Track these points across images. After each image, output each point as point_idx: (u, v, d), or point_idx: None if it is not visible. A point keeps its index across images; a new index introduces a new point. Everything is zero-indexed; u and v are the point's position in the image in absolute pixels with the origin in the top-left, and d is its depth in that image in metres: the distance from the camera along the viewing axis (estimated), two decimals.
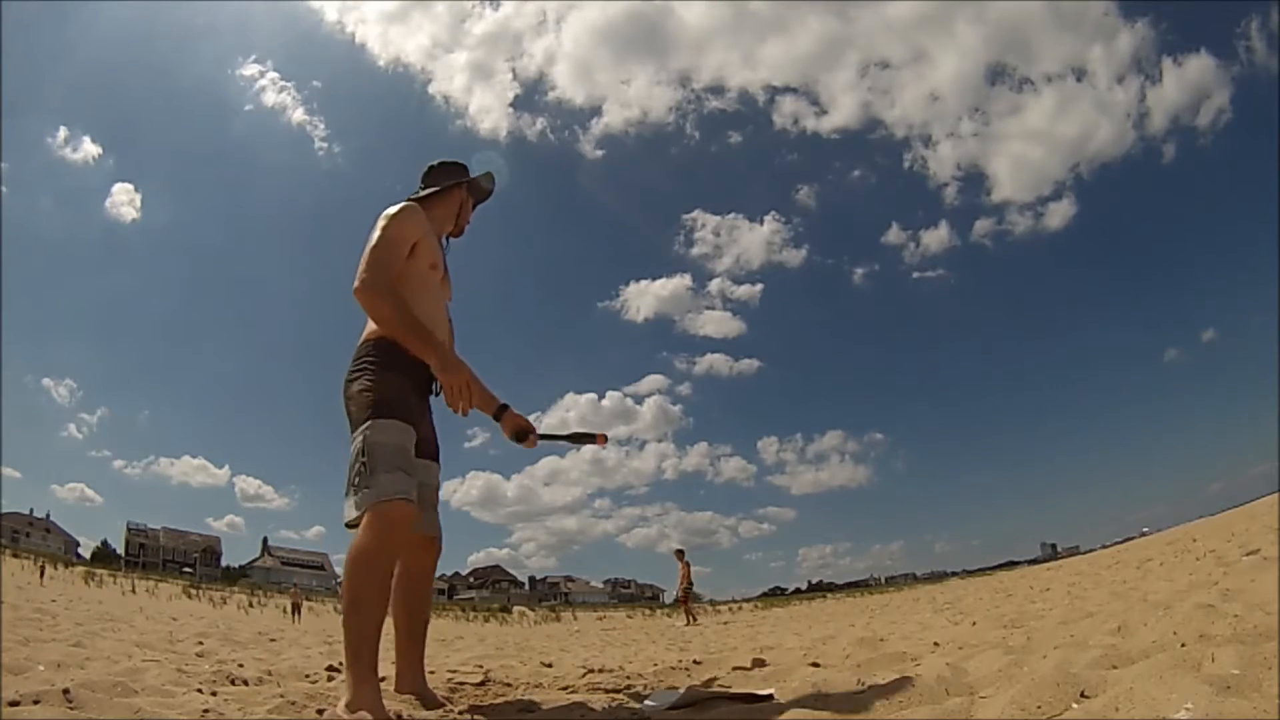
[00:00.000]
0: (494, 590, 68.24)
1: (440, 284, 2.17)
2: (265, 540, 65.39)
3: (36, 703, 1.64)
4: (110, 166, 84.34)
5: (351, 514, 1.78)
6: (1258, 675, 1.24)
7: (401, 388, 1.92)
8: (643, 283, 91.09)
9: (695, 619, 12.00)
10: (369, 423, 1.82)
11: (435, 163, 2.27)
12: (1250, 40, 66.02)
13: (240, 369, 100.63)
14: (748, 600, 48.91)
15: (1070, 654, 1.73)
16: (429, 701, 1.96)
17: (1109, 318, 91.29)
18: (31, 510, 54.27)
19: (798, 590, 69.42)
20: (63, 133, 79.18)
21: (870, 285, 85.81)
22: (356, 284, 1.88)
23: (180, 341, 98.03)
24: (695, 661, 2.96)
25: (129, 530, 56.41)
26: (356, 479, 1.78)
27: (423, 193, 2.20)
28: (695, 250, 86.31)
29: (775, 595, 62.23)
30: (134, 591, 21.75)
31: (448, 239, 2.27)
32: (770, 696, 1.76)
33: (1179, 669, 1.35)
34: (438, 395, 2.04)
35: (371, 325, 1.98)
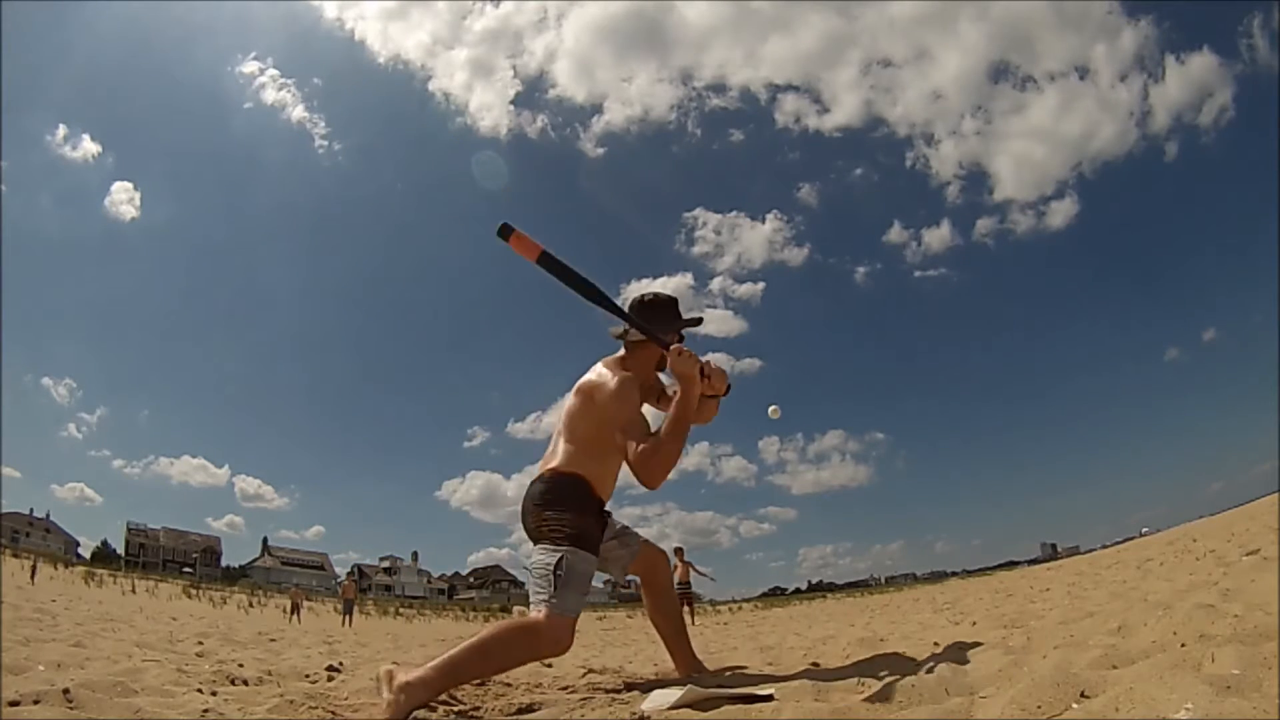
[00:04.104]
0: (494, 590, 68.17)
1: None
2: (265, 540, 65.44)
3: (36, 703, 1.64)
4: (110, 165, 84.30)
5: (536, 613, 1.97)
6: (1258, 675, 1.24)
7: (595, 528, 2.21)
8: (643, 281, 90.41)
9: (691, 620, 12.02)
10: (571, 549, 2.06)
11: (650, 296, 2.37)
12: (1253, 38, 65.91)
13: (240, 368, 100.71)
14: (748, 600, 48.92)
15: (1070, 654, 1.73)
16: (697, 665, 2.53)
17: (1110, 317, 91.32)
18: (31, 510, 54.32)
19: (798, 590, 69.43)
20: (62, 130, 79.24)
21: (872, 284, 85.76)
22: (649, 486, 2.09)
23: (180, 341, 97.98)
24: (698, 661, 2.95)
25: (129, 530, 56.41)
26: (551, 588, 1.99)
27: (631, 336, 2.32)
28: (696, 249, 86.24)
29: (775, 595, 62.22)
30: (134, 591, 21.75)
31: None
32: (770, 697, 1.75)
33: (1179, 669, 1.35)
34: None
35: (574, 465, 2.20)
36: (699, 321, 2.42)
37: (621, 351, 2.38)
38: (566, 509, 2.14)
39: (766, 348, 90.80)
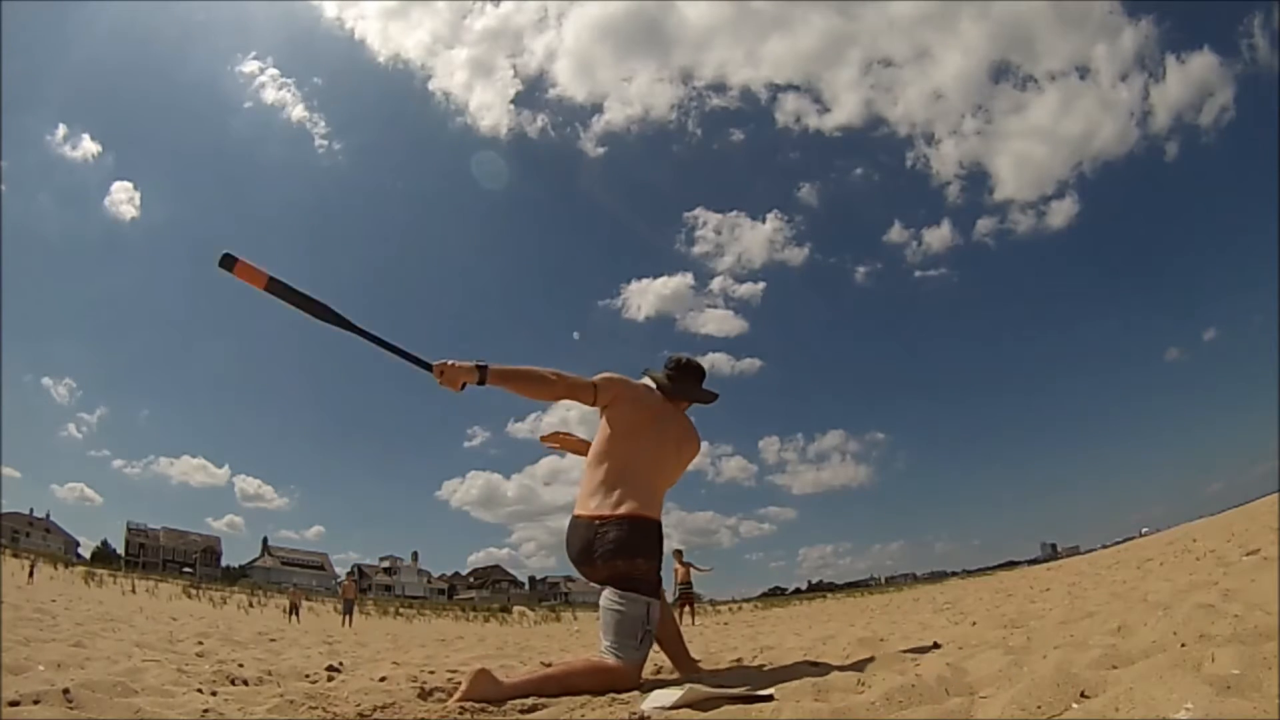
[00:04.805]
0: (494, 590, 68.23)
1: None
2: (265, 540, 65.42)
3: (36, 703, 1.64)
4: (109, 164, 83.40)
5: (619, 659, 2.17)
6: (1258, 675, 1.24)
7: None
8: (644, 281, 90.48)
9: (691, 620, 12.00)
10: (654, 601, 2.26)
11: (685, 361, 2.68)
12: (1253, 38, 65.58)
13: (241, 368, 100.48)
14: (748, 600, 48.96)
15: (1070, 654, 1.73)
16: (694, 666, 2.63)
17: (1110, 317, 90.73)
18: (31, 510, 54.33)
19: (798, 590, 69.40)
20: (62, 130, 78.33)
21: (872, 284, 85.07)
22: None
23: (180, 340, 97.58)
24: (695, 661, 2.95)
25: (129, 530, 56.42)
26: (638, 639, 2.20)
27: (669, 384, 2.63)
28: (697, 248, 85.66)
29: (775, 595, 62.24)
30: (134, 591, 21.79)
31: None
32: (770, 697, 1.75)
33: (1179, 669, 1.35)
34: None
35: (653, 510, 2.37)
36: (714, 397, 2.73)
37: (660, 393, 2.64)
38: (655, 558, 2.32)
39: (766, 348, 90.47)
